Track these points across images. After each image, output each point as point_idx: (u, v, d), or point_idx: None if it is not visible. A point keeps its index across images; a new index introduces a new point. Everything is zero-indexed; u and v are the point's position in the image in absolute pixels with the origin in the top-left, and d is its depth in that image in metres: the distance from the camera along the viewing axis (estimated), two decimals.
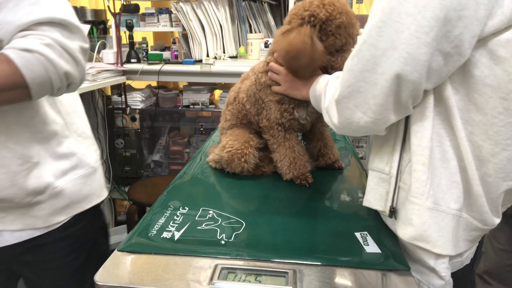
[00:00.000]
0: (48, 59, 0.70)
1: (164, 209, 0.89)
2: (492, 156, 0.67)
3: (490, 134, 0.66)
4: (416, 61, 0.60)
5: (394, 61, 0.60)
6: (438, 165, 0.69)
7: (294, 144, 1.06)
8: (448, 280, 0.73)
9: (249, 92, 1.09)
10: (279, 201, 0.98)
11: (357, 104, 0.67)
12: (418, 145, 0.68)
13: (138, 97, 2.48)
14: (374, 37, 0.62)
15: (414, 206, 0.69)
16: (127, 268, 0.69)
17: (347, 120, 0.70)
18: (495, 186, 0.69)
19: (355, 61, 0.65)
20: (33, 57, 0.68)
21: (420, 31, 0.58)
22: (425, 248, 0.70)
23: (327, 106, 0.77)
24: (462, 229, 0.72)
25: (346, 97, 0.68)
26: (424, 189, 0.68)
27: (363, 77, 0.64)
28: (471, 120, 0.67)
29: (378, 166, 0.78)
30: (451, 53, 0.60)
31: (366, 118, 0.67)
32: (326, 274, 0.67)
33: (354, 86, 0.66)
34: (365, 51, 0.63)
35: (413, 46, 0.59)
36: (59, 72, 0.72)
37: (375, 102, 0.65)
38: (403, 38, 0.59)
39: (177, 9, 2.36)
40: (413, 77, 0.61)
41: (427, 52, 0.59)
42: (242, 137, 1.09)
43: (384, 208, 0.78)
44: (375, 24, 0.61)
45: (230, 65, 2.28)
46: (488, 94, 0.64)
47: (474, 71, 0.63)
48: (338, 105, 0.70)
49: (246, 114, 1.12)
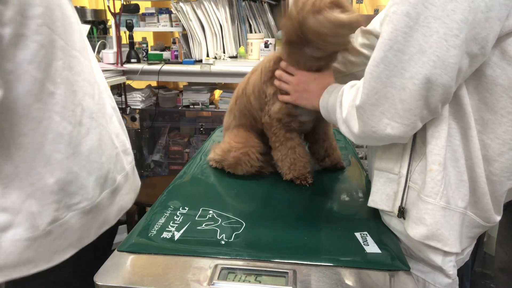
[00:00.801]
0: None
1: (164, 209, 0.89)
2: (499, 156, 0.68)
3: (498, 133, 0.67)
4: (446, 64, 0.60)
5: (423, 65, 0.60)
6: (448, 164, 0.69)
7: (296, 145, 1.05)
8: (454, 279, 0.73)
9: (254, 85, 1.07)
10: (279, 201, 0.98)
11: (383, 110, 0.66)
12: (435, 145, 0.68)
13: (138, 97, 2.48)
14: (401, 42, 0.61)
15: (427, 205, 0.70)
16: (127, 268, 0.69)
17: (372, 128, 0.68)
18: (499, 185, 0.70)
19: (382, 68, 0.64)
20: None
21: (450, 34, 0.58)
22: (436, 246, 0.70)
23: (345, 117, 0.76)
24: (465, 226, 0.73)
25: (373, 104, 0.66)
26: (439, 189, 0.68)
27: (390, 82, 0.64)
28: (480, 119, 0.68)
29: (386, 166, 0.78)
30: (477, 54, 0.61)
31: (393, 124, 0.66)
32: (326, 274, 0.67)
33: (381, 92, 0.65)
34: (391, 57, 0.62)
35: (442, 49, 0.59)
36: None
37: (403, 107, 0.64)
38: (431, 42, 0.59)
39: (177, 9, 2.36)
40: (443, 80, 0.61)
41: (457, 55, 0.59)
42: (248, 141, 1.09)
43: (391, 208, 0.78)
44: (401, 30, 0.61)
45: (230, 65, 2.28)
46: (498, 93, 0.65)
47: (486, 70, 0.64)
48: (363, 113, 0.69)
49: (251, 110, 1.11)
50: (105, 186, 0.87)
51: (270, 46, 2.32)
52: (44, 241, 0.77)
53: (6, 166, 0.72)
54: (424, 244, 0.72)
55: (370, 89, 0.66)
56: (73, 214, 0.80)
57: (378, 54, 0.64)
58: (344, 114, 0.76)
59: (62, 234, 0.79)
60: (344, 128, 0.77)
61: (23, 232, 0.74)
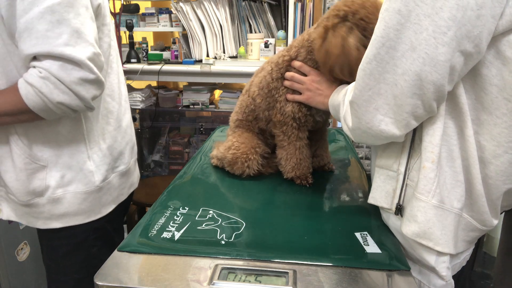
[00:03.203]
0: (40, 92, 0.79)
1: (164, 209, 0.89)
2: (494, 158, 0.67)
3: (493, 134, 0.66)
4: (435, 61, 0.60)
5: (413, 62, 0.61)
6: (443, 164, 0.69)
7: (304, 145, 1.05)
8: (449, 281, 0.73)
9: (262, 83, 1.06)
10: (279, 201, 0.98)
11: (377, 106, 0.67)
12: (430, 142, 0.68)
13: (138, 97, 2.48)
14: (393, 39, 0.62)
15: (420, 203, 0.70)
16: (127, 268, 0.69)
17: (367, 124, 0.69)
18: (495, 188, 0.69)
19: (374, 65, 0.64)
20: (31, 89, 0.80)
21: (438, 31, 0.59)
22: (428, 245, 0.70)
23: (344, 114, 0.77)
24: (461, 229, 0.73)
25: (366, 100, 0.67)
26: (431, 187, 0.68)
27: (383, 79, 0.64)
28: (476, 119, 0.67)
29: (386, 163, 0.78)
30: (472, 53, 0.61)
31: (387, 120, 0.67)
32: (326, 274, 0.67)
33: (374, 89, 0.66)
34: (383, 54, 0.63)
35: (431, 47, 0.59)
36: (53, 102, 0.81)
37: (396, 102, 0.65)
38: (421, 39, 0.60)
39: (177, 9, 2.36)
40: (432, 78, 0.61)
41: (446, 52, 0.59)
42: (250, 142, 1.09)
43: (390, 206, 0.78)
44: (393, 27, 0.61)
45: (230, 65, 2.28)
46: (493, 93, 0.64)
47: (482, 69, 0.64)
48: (358, 109, 0.69)
49: (254, 109, 1.10)
50: (132, 155, 1.15)
51: (270, 46, 2.32)
52: (96, 196, 1.00)
53: (78, 135, 0.94)
54: (417, 243, 0.72)
55: (363, 86, 0.67)
56: (115, 175, 1.06)
57: (371, 51, 0.65)
58: (343, 113, 0.77)
59: (107, 191, 1.03)
60: (345, 126, 0.78)
61: (82, 187, 0.97)
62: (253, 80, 1.12)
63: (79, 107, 0.85)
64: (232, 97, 2.45)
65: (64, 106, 0.82)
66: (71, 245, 1.01)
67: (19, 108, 0.82)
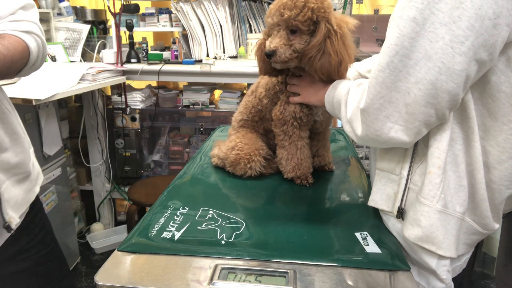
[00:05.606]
0: (42, 40, 0.88)
1: (164, 209, 0.89)
2: (498, 163, 0.67)
3: (499, 140, 0.66)
4: (451, 70, 0.59)
5: (429, 71, 0.60)
6: (448, 169, 0.69)
7: (305, 145, 1.05)
8: (449, 284, 0.73)
9: (269, 85, 1.07)
10: (279, 201, 0.98)
11: (387, 114, 0.66)
12: (437, 148, 0.68)
13: (138, 97, 2.48)
14: (407, 47, 0.61)
15: (424, 207, 0.69)
16: (127, 268, 0.69)
17: (376, 132, 0.69)
18: (498, 193, 0.70)
19: (387, 73, 0.64)
20: (32, 38, 0.86)
21: (455, 41, 0.58)
22: (430, 249, 0.70)
23: (350, 117, 0.76)
24: (462, 232, 0.73)
25: (377, 108, 0.67)
26: (436, 192, 0.68)
27: (395, 87, 0.64)
28: (482, 124, 0.67)
29: (388, 167, 0.78)
30: (486, 61, 0.60)
31: (396, 127, 0.66)
32: (326, 274, 0.67)
33: (386, 97, 0.65)
34: (397, 62, 0.62)
35: (448, 56, 0.59)
36: (45, 47, 0.90)
37: (407, 110, 0.64)
38: (437, 48, 0.59)
39: (177, 9, 2.36)
40: (448, 87, 0.60)
41: (463, 62, 0.59)
42: (254, 144, 1.09)
43: (391, 209, 0.78)
44: (408, 35, 0.61)
45: (230, 65, 2.28)
46: (501, 100, 0.64)
47: (491, 76, 0.64)
48: (367, 117, 0.69)
49: (261, 110, 1.11)
50: None
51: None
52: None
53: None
54: (419, 246, 0.72)
55: (375, 94, 0.66)
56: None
57: (384, 59, 0.64)
58: (349, 115, 0.76)
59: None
60: (348, 128, 0.77)
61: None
62: (259, 81, 1.13)
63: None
64: (232, 97, 2.45)
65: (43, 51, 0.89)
66: None
67: (24, 57, 0.85)
